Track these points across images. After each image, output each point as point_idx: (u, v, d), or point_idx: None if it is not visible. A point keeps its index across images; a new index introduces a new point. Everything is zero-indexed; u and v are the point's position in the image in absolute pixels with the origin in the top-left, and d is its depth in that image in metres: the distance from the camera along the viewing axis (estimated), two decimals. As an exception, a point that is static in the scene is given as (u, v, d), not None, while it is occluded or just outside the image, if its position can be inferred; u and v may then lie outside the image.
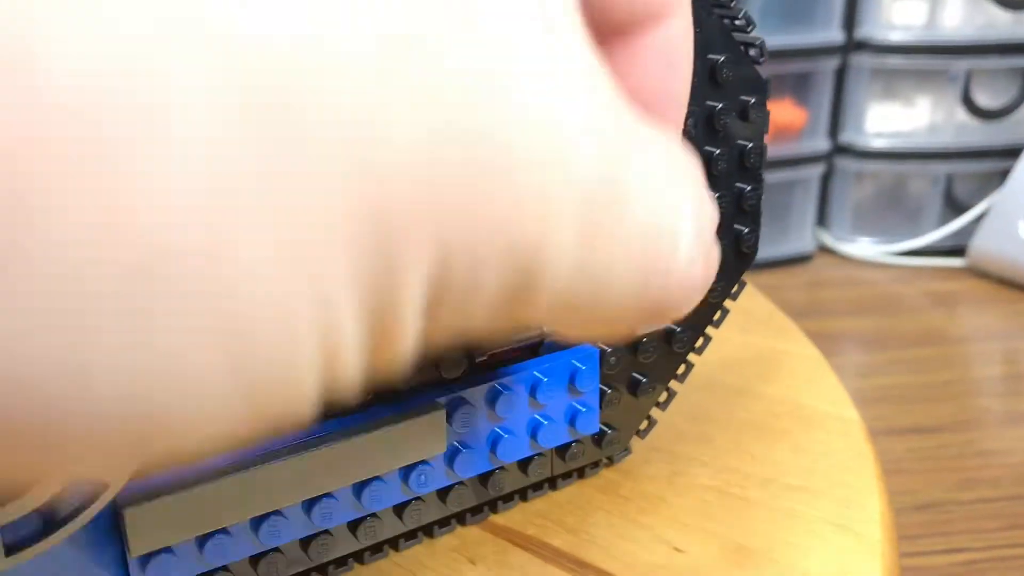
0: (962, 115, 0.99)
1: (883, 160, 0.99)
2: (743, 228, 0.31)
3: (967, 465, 0.62)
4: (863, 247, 1.02)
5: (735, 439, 0.34)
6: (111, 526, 0.21)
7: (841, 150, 1.01)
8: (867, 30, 0.96)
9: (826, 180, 1.02)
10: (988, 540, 0.55)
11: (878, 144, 0.99)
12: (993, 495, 0.59)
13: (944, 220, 1.00)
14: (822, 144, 0.99)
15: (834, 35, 0.95)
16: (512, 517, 0.29)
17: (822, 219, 1.04)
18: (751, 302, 0.45)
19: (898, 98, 1.00)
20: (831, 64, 0.96)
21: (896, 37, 0.95)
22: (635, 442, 0.33)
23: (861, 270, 0.99)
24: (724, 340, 0.34)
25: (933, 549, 0.54)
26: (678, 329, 0.31)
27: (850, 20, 0.96)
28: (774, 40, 0.91)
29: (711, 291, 0.31)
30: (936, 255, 0.99)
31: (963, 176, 1.01)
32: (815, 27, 0.95)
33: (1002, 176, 0.99)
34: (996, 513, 0.58)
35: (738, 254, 0.31)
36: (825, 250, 1.04)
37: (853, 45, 0.97)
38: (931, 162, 0.99)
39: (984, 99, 0.98)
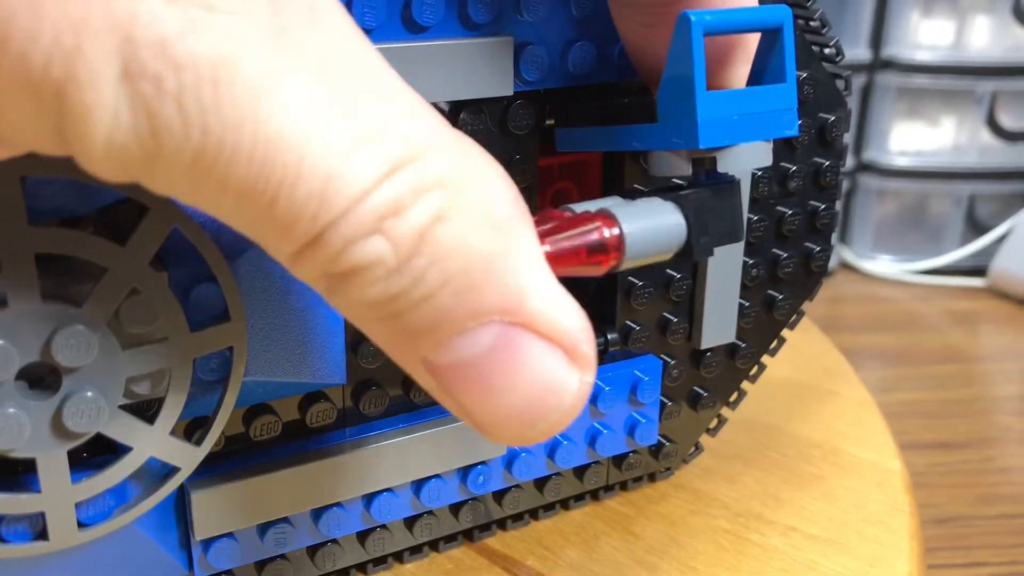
0: (986, 136, 0.99)
1: (906, 179, 1.00)
2: (815, 246, 0.31)
3: (987, 481, 0.62)
4: (884, 264, 1.02)
5: (763, 481, 0.32)
6: (177, 509, 0.21)
7: (864, 168, 1.01)
8: (893, 49, 0.97)
9: (849, 197, 1.03)
10: (1008, 555, 0.56)
11: (901, 163, 1.00)
12: (1013, 511, 0.59)
13: (965, 240, 1.01)
14: (846, 161, 0.99)
15: (860, 53, 0.96)
16: (514, 546, 0.28)
17: (844, 236, 1.04)
18: (807, 337, 0.43)
19: (922, 117, 1.01)
20: (857, 82, 0.97)
21: (922, 57, 0.96)
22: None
23: (881, 287, 1.00)
24: (771, 376, 0.32)
25: (953, 563, 0.55)
26: (743, 344, 0.30)
27: (877, 39, 0.97)
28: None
29: (778, 306, 0.30)
30: (957, 274, 1.00)
31: (985, 197, 1.01)
32: (842, 45, 0.96)
33: (1024, 197, 1.00)
34: (1016, 529, 0.58)
35: (808, 271, 0.31)
36: (846, 266, 1.04)
37: (879, 64, 0.98)
38: (954, 182, 0.99)
39: (1009, 121, 0.99)
